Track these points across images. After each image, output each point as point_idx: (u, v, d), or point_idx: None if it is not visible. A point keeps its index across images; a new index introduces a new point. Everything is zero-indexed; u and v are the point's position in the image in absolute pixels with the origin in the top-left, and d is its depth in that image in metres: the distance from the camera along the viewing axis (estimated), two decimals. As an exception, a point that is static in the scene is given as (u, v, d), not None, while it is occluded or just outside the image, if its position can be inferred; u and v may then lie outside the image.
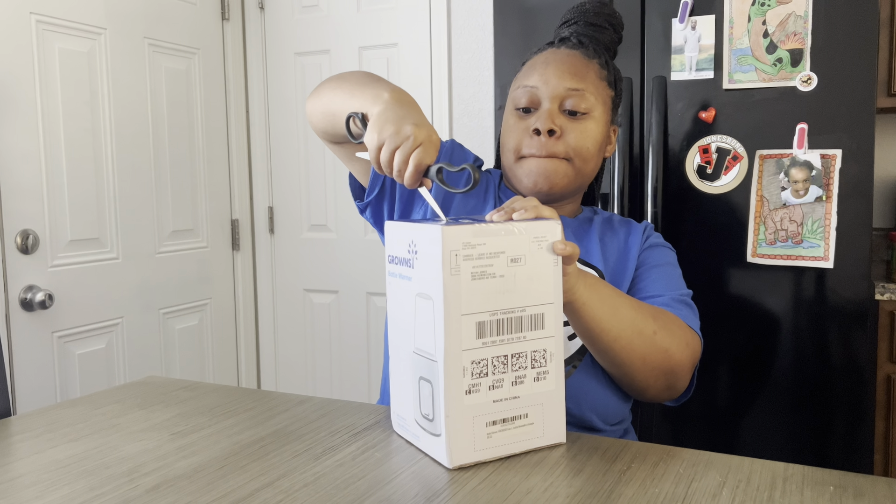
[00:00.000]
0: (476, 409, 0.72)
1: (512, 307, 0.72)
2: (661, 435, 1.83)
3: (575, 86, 0.99)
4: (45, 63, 1.96)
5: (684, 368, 0.91)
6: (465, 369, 0.71)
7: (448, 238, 0.69)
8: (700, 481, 0.68)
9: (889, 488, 0.66)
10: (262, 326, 2.79)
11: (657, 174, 1.75)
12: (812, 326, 1.68)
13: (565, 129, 0.99)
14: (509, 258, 0.72)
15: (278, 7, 2.65)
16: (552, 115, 0.99)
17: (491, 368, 0.72)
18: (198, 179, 2.50)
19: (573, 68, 1.01)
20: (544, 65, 1.02)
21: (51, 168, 1.97)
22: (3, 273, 1.86)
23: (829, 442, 1.68)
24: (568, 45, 1.04)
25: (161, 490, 0.68)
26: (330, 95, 0.94)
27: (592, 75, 1.02)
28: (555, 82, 0.99)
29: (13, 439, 0.83)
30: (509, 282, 0.72)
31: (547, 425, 0.76)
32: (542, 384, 0.75)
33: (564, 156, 0.99)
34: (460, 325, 0.70)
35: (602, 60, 1.04)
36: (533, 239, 0.73)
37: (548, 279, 0.74)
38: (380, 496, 0.66)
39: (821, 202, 1.65)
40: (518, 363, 0.73)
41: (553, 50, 1.04)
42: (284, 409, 0.92)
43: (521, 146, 1.01)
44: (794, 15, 1.65)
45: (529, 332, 0.74)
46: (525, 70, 1.05)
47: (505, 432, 0.74)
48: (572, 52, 1.03)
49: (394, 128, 0.78)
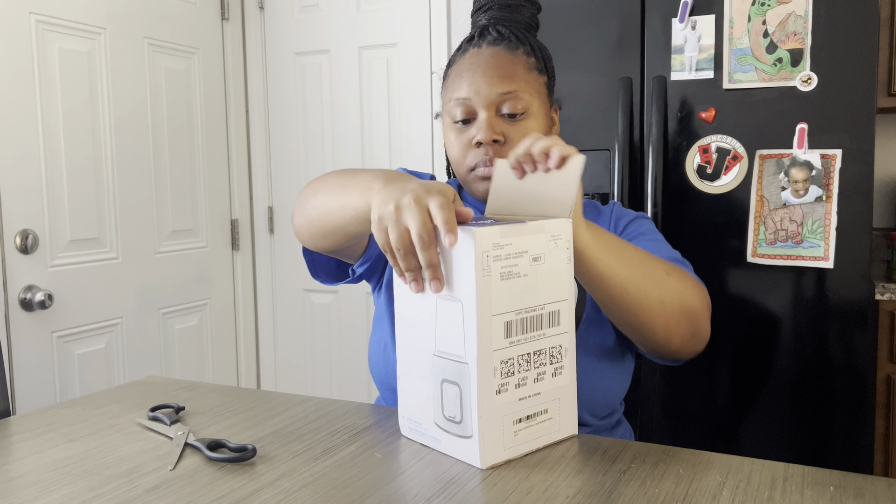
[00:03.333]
0: (505, 409, 0.73)
1: (534, 305, 0.73)
2: (661, 435, 1.83)
3: (506, 89, 0.96)
4: (45, 63, 1.96)
5: (703, 312, 0.88)
6: (495, 370, 0.71)
7: (481, 239, 0.68)
8: (700, 481, 0.68)
9: (889, 488, 0.66)
10: (261, 326, 2.79)
11: (657, 174, 1.75)
12: (812, 326, 1.68)
13: (507, 134, 0.96)
14: (531, 257, 0.73)
15: (278, 7, 2.65)
16: (491, 125, 0.96)
17: (517, 367, 0.73)
18: (197, 179, 2.50)
19: (500, 70, 0.97)
20: (470, 72, 0.98)
21: (51, 168, 1.97)
22: (3, 273, 1.86)
23: (829, 442, 1.68)
24: (489, 41, 1.00)
25: (161, 490, 0.68)
26: (315, 202, 0.88)
27: (521, 70, 0.98)
28: (486, 90, 0.96)
29: (13, 439, 0.83)
30: (532, 280, 0.73)
31: (563, 419, 0.78)
32: (558, 379, 0.77)
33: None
34: (491, 326, 0.70)
35: (527, 48, 1.00)
36: (551, 237, 0.74)
37: (563, 276, 0.75)
38: (380, 496, 0.65)
39: (821, 202, 1.64)
40: (539, 360, 0.75)
41: (475, 51, 0.99)
42: (284, 409, 0.92)
43: (467, 159, 0.98)
44: (794, 15, 1.65)
45: (549, 328, 0.75)
46: (453, 79, 1.00)
47: (529, 429, 0.75)
48: (495, 51, 0.98)
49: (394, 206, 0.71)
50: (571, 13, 1.87)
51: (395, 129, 2.50)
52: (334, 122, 2.59)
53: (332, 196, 0.84)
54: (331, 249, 0.92)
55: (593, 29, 1.85)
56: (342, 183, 0.84)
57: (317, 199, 0.88)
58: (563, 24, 1.88)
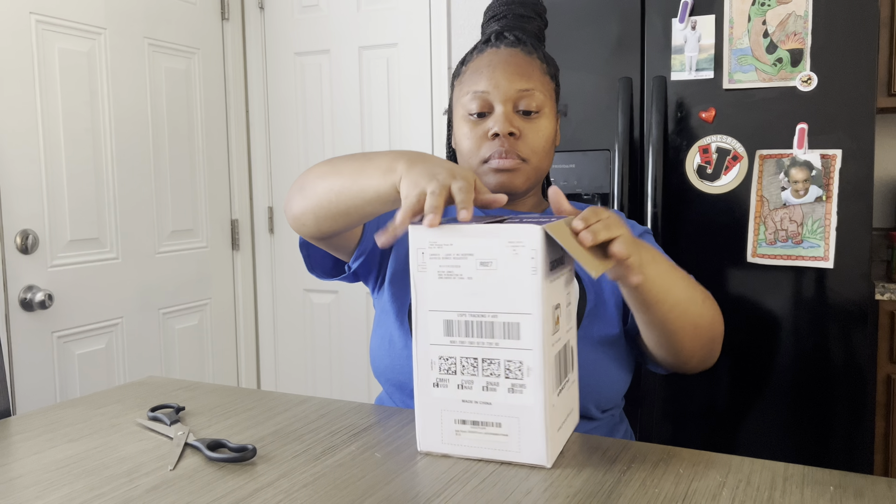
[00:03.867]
0: (444, 404, 0.75)
1: (482, 311, 0.72)
2: (661, 435, 1.83)
3: (525, 86, 1.00)
4: (45, 63, 1.96)
5: (721, 336, 0.94)
6: (432, 363, 0.74)
7: (416, 236, 0.72)
8: (700, 481, 0.68)
9: (889, 488, 0.66)
10: (262, 326, 2.79)
11: (657, 174, 1.75)
12: (812, 326, 1.68)
13: (522, 129, 1.00)
14: (479, 261, 0.71)
15: (278, 7, 2.65)
16: (509, 118, 1.00)
17: (459, 368, 0.74)
18: (198, 179, 2.50)
19: (519, 68, 1.01)
20: (490, 68, 1.02)
21: (51, 168, 1.97)
22: (3, 273, 1.86)
23: (829, 442, 1.68)
24: (506, 43, 1.05)
25: (161, 490, 0.68)
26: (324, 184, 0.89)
27: (537, 72, 1.03)
28: (505, 85, 1.00)
29: (13, 439, 0.83)
30: (479, 285, 0.71)
31: (524, 442, 0.73)
32: (517, 397, 0.72)
33: (524, 158, 1.00)
34: (427, 321, 0.74)
35: (540, 54, 1.05)
36: (508, 243, 0.70)
37: (524, 288, 0.70)
38: (380, 496, 0.66)
39: (821, 202, 1.64)
40: (490, 369, 0.73)
41: (494, 50, 1.04)
42: (284, 409, 0.92)
43: (482, 151, 1.01)
44: (794, 15, 1.65)
45: (503, 340, 0.72)
46: (470, 74, 1.04)
47: (475, 435, 0.75)
48: (514, 51, 1.03)
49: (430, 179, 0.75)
50: (571, 13, 1.88)
51: (395, 129, 2.50)
52: (334, 122, 2.59)
53: (346, 178, 0.86)
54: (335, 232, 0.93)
55: (593, 29, 1.85)
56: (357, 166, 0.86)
57: (326, 182, 0.89)
58: (563, 24, 1.88)
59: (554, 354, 0.73)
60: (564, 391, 0.77)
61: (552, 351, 0.72)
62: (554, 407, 0.73)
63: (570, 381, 0.79)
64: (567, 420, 0.78)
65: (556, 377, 0.74)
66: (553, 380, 0.73)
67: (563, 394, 0.77)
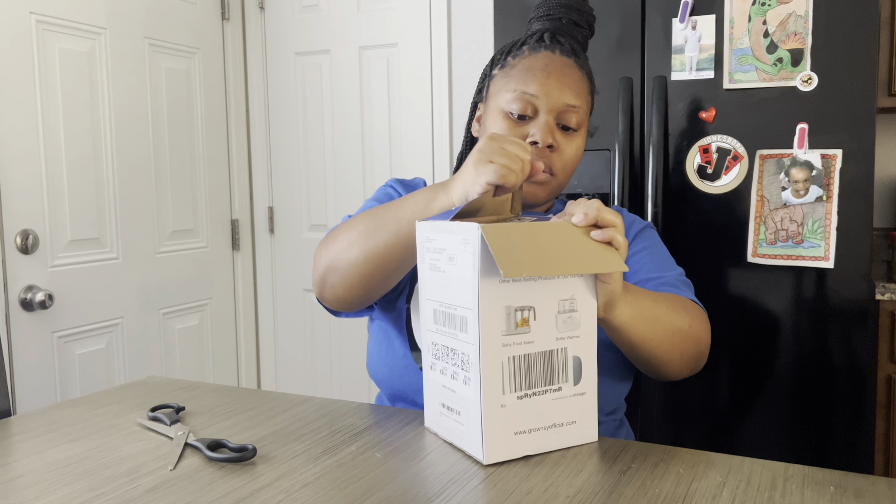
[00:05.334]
0: (434, 386, 0.81)
1: (450, 303, 0.76)
2: (661, 435, 1.83)
3: (574, 102, 0.98)
4: (45, 63, 1.96)
5: (708, 348, 0.95)
6: (428, 347, 0.81)
7: (420, 230, 0.80)
8: (700, 481, 0.68)
9: (889, 488, 0.65)
10: (262, 326, 2.79)
11: (657, 174, 1.75)
12: (812, 326, 1.68)
13: (560, 144, 0.98)
14: (448, 255, 0.75)
15: (278, 7, 2.65)
16: (552, 130, 0.97)
17: (441, 355, 0.79)
18: (198, 179, 2.50)
19: (573, 83, 0.98)
20: (545, 73, 0.98)
21: (51, 168, 1.97)
22: (3, 273, 1.86)
23: (829, 442, 1.68)
24: (562, 50, 1.01)
25: (161, 490, 0.68)
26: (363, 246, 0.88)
27: (585, 90, 1.01)
28: (556, 96, 0.97)
29: (13, 439, 0.83)
30: (448, 278, 0.76)
31: (470, 433, 0.74)
32: (466, 389, 0.74)
33: (556, 171, 0.98)
34: (425, 308, 0.81)
35: (588, 71, 1.03)
36: (462, 241, 0.72)
37: (467, 284, 0.72)
38: (380, 496, 0.66)
39: (821, 202, 1.64)
40: (454, 359, 0.76)
41: (549, 54, 1.00)
42: (284, 409, 0.92)
43: None
44: (795, 15, 1.65)
45: (458, 332, 0.75)
46: (521, 71, 0.99)
47: (447, 419, 0.79)
48: (569, 63, 1.00)
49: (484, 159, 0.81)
50: (572, 13, 1.87)
51: (395, 129, 2.50)
52: (334, 122, 2.59)
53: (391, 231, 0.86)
54: (385, 289, 0.93)
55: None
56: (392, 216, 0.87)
57: (369, 242, 0.87)
58: (563, 24, 1.88)
59: (510, 355, 0.72)
60: (544, 398, 0.75)
61: (504, 351, 0.72)
62: (505, 407, 0.73)
63: (559, 389, 0.75)
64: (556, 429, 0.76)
65: (516, 379, 0.73)
66: (503, 380, 0.72)
67: (542, 401, 0.74)
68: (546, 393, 0.75)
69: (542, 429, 0.75)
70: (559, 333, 0.75)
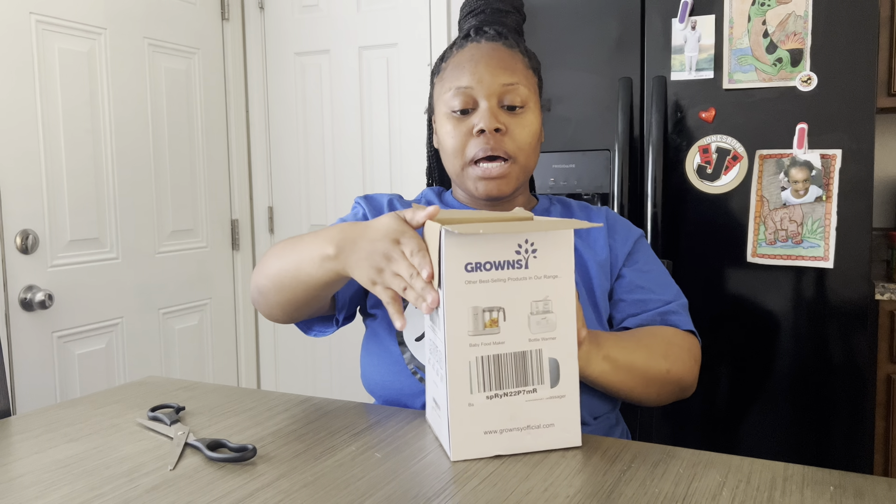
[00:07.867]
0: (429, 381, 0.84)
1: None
2: (661, 435, 1.83)
3: (509, 80, 0.97)
4: (45, 63, 1.96)
5: (694, 381, 0.96)
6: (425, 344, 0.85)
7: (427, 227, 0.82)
8: (700, 481, 0.68)
9: (889, 488, 0.66)
10: (261, 326, 2.79)
11: (657, 174, 1.75)
12: (812, 326, 1.68)
13: (508, 125, 0.97)
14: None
15: (278, 7, 2.65)
16: (494, 113, 0.96)
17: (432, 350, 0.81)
18: (198, 179, 2.50)
19: (502, 62, 0.98)
20: (473, 62, 0.98)
21: (50, 168, 1.97)
22: (3, 273, 1.86)
23: (829, 442, 1.68)
24: (487, 38, 1.01)
25: (161, 490, 0.68)
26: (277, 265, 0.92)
27: (521, 66, 0.99)
28: (489, 79, 0.96)
29: (13, 439, 0.83)
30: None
31: (445, 429, 0.75)
32: (443, 386, 0.75)
33: (511, 155, 0.97)
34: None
35: (522, 48, 1.02)
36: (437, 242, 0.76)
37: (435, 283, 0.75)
38: (380, 496, 0.66)
39: (821, 202, 1.64)
40: (437, 356, 0.79)
41: (475, 44, 1.00)
42: (284, 409, 0.92)
43: (467, 149, 0.97)
44: (794, 15, 1.65)
45: (437, 330, 0.77)
46: (451, 70, 1.00)
47: (434, 413, 0.82)
48: (496, 45, 1.00)
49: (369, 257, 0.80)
50: (571, 13, 1.88)
51: (395, 129, 2.50)
52: (334, 122, 2.59)
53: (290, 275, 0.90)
54: (312, 313, 0.98)
55: (593, 29, 1.85)
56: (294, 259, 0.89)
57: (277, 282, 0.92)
58: (563, 24, 1.88)
59: (478, 355, 0.72)
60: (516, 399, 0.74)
61: (472, 351, 0.72)
62: (473, 406, 0.73)
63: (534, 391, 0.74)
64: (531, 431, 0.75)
65: (485, 379, 0.73)
66: (471, 380, 0.72)
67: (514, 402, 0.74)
68: (519, 394, 0.74)
69: (515, 430, 0.74)
70: (532, 335, 0.73)
